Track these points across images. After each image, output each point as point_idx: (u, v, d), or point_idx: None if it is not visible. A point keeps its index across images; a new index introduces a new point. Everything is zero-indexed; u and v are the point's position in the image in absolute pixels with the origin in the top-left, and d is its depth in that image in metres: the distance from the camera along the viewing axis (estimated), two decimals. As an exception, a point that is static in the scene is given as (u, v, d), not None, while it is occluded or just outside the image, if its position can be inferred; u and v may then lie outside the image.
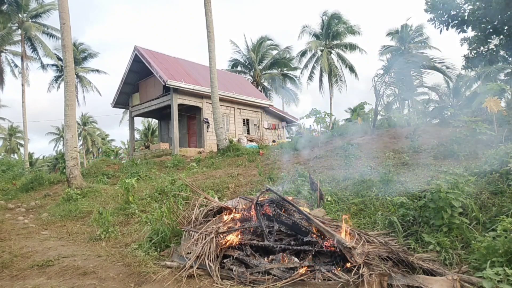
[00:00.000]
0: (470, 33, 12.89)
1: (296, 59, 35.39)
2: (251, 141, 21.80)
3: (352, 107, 38.21)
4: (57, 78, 34.40)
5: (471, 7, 12.02)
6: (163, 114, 23.04)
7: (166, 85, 18.39)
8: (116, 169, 15.48)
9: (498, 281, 2.77)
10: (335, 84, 34.28)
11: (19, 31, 27.83)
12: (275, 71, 35.82)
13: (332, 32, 33.53)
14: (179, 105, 19.41)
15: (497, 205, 4.24)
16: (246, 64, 35.43)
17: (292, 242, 3.98)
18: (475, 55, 12.87)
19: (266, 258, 3.81)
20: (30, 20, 28.17)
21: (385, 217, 4.68)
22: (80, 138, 48.35)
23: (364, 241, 3.77)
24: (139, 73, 21.65)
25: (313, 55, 34.66)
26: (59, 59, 28.49)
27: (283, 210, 4.51)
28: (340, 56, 34.46)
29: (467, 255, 3.56)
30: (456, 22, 12.36)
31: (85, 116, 51.22)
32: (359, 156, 8.31)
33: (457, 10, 12.23)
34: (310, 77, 34.98)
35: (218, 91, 16.38)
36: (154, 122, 44.09)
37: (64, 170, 11.61)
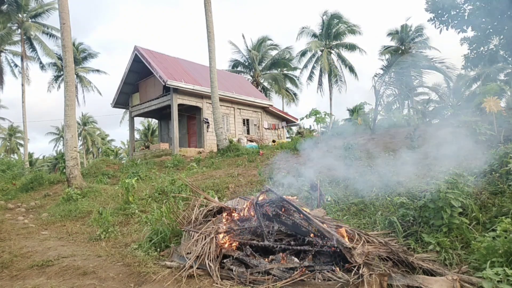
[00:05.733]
0: (470, 33, 12.88)
1: (296, 59, 35.41)
2: (251, 141, 21.79)
3: (352, 107, 38.22)
4: (57, 78, 34.41)
5: (471, 7, 12.02)
6: (163, 114, 23.04)
7: (166, 85, 18.39)
8: (116, 169, 15.48)
9: (498, 281, 2.77)
10: (335, 84, 34.29)
11: (19, 31, 27.84)
12: (275, 71, 35.81)
13: (332, 32, 33.53)
14: (179, 105, 19.41)
15: (497, 205, 4.24)
16: (246, 64, 35.42)
17: (292, 242, 3.98)
18: (475, 55, 12.87)
19: (266, 258, 3.81)
20: (30, 20, 28.17)
21: (385, 217, 4.68)
22: (80, 138, 48.35)
23: (364, 241, 3.77)
24: (139, 73, 21.64)
25: (313, 55, 34.65)
26: (60, 58, 28.49)
27: (283, 210, 4.51)
28: (340, 56, 34.46)
29: (467, 255, 3.55)
30: (456, 22, 12.36)
31: (85, 116, 51.24)
32: (359, 156, 8.31)
33: (457, 10, 12.23)
34: (310, 77, 35.00)
35: (218, 91, 16.38)
36: (154, 122, 44.09)
37: (64, 170, 11.60)
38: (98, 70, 36.77)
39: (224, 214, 4.82)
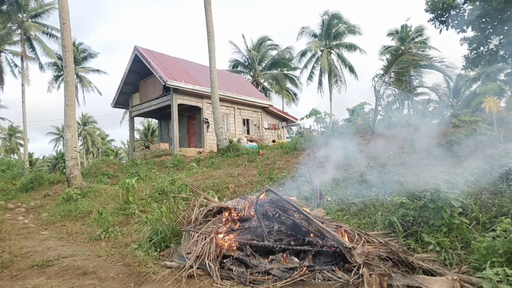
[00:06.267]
0: (470, 33, 12.86)
1: (296, 59, 35.41)
2: (251, 141, 21.79)
3: (352, 107, 38.27)
4: (57, 78, 34.42)
5: (471, 7, 12.01)
6: (163, 114, 23.04)
7: (166, 85, 18.39)
8: (116, 169, 15.48)
9: (497, 281, 2.77)
10: (335, 84, 34.29)
11: (19, 31, 27.84)
12: (275, 71, 35.83)
13: (332, 32, 33.54)
14: (179, 105, 19.41)
15: (497, 205, 4.24)
16: (246, 64, 35.42)
17: (292, 242, 3.98)
18: (475, 55, 12.84)
19: (266, 258, 3.81)
20: (30, 20, 28.17)
21: (385, 217, 4.68)
22: (80, 138, 48.35)
23: (364, 241, 3.76)
24: (139, 73, 21.65)
25: (313, 55, 34.65)
26: (60, 58, 28.48)
27: (283, 210, 4.51)
28: (340, 56, 34.45)
29: (467, 255, 3.55)
30: (456, 22, 12.34)
31: (85, 116, 51.25)
32: (359, 156, 8.31)
33: (457, 10, 12.21)
34: (310, 77, 35.00)
35: (218, 91, 16.39)
36: (154, 122, 44.09)
37: (64, 170, 11.60)
38: (98, 70, 36.81)
39: (224, 214, 4.82)
